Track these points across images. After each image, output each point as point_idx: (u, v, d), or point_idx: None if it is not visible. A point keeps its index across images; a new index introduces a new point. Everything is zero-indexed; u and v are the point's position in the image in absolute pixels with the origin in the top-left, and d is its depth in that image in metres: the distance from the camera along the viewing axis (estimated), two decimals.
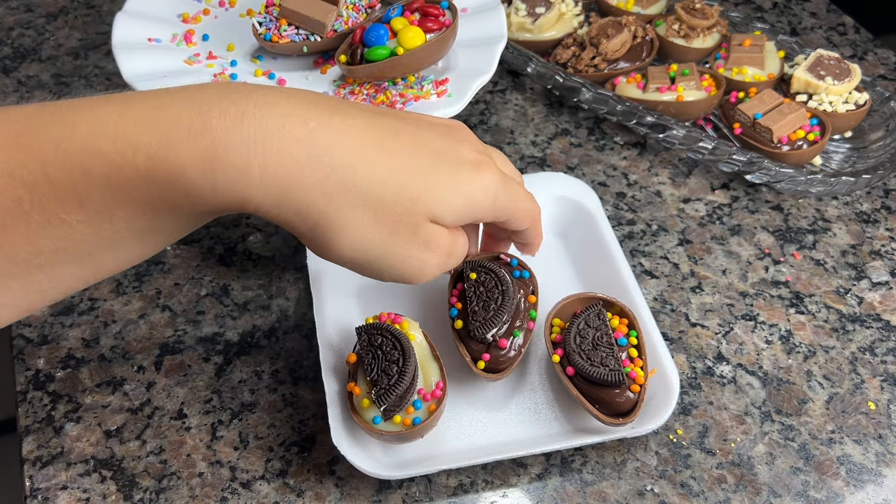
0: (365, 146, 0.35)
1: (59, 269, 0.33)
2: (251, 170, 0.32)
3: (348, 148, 0.34)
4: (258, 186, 0.33)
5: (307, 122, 0.33)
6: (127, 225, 0.33)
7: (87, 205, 0.32)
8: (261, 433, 0.46)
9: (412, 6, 0.52)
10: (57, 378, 0.48)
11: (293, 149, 0.33)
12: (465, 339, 0.45)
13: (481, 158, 0.39)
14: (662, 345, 0.47)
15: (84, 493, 0.43)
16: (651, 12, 0.71)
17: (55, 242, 0.32)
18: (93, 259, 0.34)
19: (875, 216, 0.60)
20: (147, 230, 0.34)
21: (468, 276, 0.46)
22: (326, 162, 0.34)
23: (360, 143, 0.35)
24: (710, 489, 0.44)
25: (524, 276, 0.47)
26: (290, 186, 0.33)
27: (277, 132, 0.32)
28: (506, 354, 0.44)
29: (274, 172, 0.33)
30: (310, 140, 0.33)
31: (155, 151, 0.31)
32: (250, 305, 0.52)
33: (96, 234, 0.33)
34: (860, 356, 0.51)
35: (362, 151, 0.35)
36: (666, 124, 0.61)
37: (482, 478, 0.45)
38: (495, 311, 0.44)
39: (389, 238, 0.36)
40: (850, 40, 0.76)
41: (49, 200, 0.31)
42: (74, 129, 0.31)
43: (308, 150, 0.33)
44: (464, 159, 0.38)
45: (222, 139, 0.32)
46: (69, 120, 0.31)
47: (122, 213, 0.32)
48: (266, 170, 0.32)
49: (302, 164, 0.33)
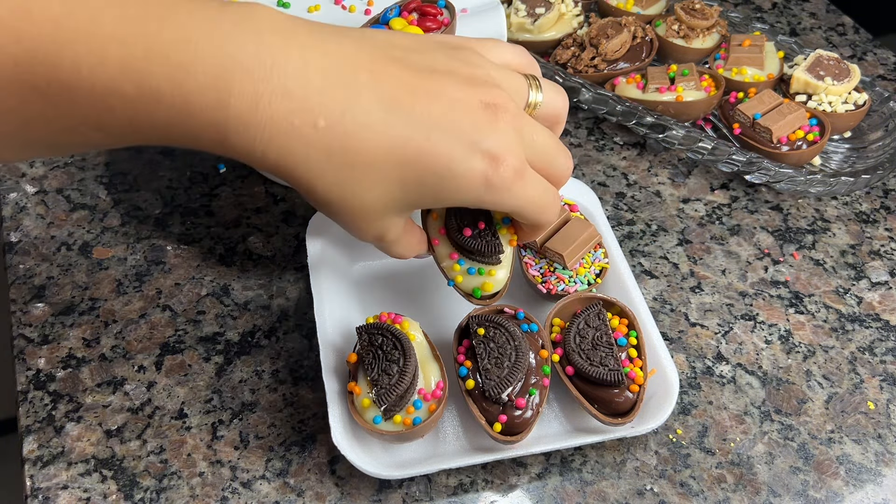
0: (377, 142, 0.36)
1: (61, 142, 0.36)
2: (254, 150, 0.35)
3: (358, 148, 0.36)
4: (259, 162, 0.36)
5: (317, 121, 0.35)
6: (142, 140, 0.36)
7: (107, 129, 0.34)
8: (261, 433, 0.46)
9: (409, 6, 0.52)
10: (57, 378, 0.48)
11: (296, 144, 0.35)
12: (477, 399, 0.43)
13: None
14: (662, 345, 0.47)
15: (85, 492, 0.43)
16: (651, 13, 0.71)
17: (73, 138, 0.35)
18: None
19: (874, 216, 0.60)
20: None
21: (475, 331, 0.44)
22: (328, 157, 0.36)
23: (375, 145, 0.36)
24: (710, 489, 0.45)
25: (532, 329, 0.45)
26: (287, 171, 0.36)
27: (286, 129, 0.35)
28: (522, 415, 0.42)
29: (275, 160, 0.36)
30: (316, 140, 0.35)
31: (176, 114, 0.33)
32: (251, 305, 0.52)
33: (110, 143, 0.36)
34: (859, 356, 0.51)
35: (375, 153, 0.36)
36: (665, 124, 0.61)
37: (482, 478, 0.45)
38: (510, 370, 0.42)
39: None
40: (850, 40, 0.76)
41: (73, 120, 0.33)
42: (102, 63, 0.32)
43: (310, 147, 0.35)
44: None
45: (233, 122, 0.34)
46: (95, 49, 0.31)
47: (138, 137, 0.35)
48: (266, 156, 0.35)
49: (303, 157, 0.36)
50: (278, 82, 0.34)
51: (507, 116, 0.38)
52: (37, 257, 0.54)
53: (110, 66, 0.32)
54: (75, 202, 0.58)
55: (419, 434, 0.42)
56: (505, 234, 0.46)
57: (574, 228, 0.50)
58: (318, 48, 0.35)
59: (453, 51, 0.40)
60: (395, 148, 0.36)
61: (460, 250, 0.45)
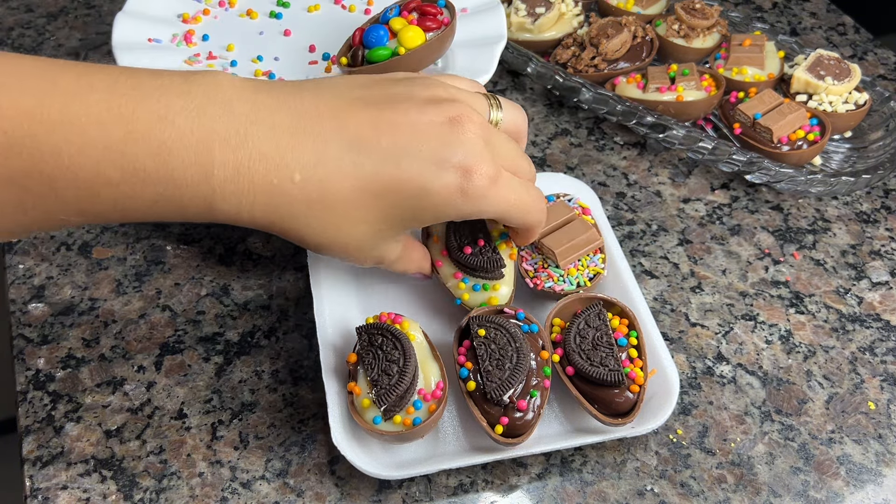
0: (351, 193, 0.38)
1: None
2: (241, 213, 0.37)
3: (335, 193, 0.38)
4: (248, 223, 0.38)
5: (293, 176, 0.37)
6: (122, 219, 0.37)
7: (88, 213, 0.35)
8: (261, 433, 0.46)
9: (409, 6, 0.52)
10: (57, 378, 0.48)
11: (279, 201, 0.37)
12: (478, 400, 0.43)
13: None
14: (662, 345, 0.47)
15: (84, 492, 0.43)
16: (651, 12, 0.71)
17: (50, 224, 0.36)
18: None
19: (875, 216, 0.60)
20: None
21: (476, 332, 0.44)
22: (309, 207, 0.38)
23: (349, 186, 0.38)
24: (710, 489, 0.45)
25: (533, 330, 0.45)
26: (276, 226, 0.39)
27: (268, 189, 0.37)
28: (524, 417, 0.42)
29: (263, 219, 0.38)
30: (296, 193, 0.37)
31: (162, 191, 0.35)
32: (250, 305, 0.52)
33: (87, 222, 0.38)
34: (860, 356, 0.51)
35: (348, 200, 0.38)
36: (666, 124, 0.61)
37: (482, 478, 0.45)
38: (511, 371, 0.42)
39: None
40: (850, 40, 0.76)
41: (53, 207, 0.34)
42: (82, 151, 0.32)
43: (292, 201, 0.38)
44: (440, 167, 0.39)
45: (219, 192, 0.36)
46: (75, 137, 0.32)
47: (118, 217, 0.36)
48: (254, 217, 0.38)
49: (287, 211, 0.38)
50: (254, 147, 0.36)
51: (473, 127, 0.39)
52: (36, 257, 0.54)
53: (93, 152, 0.32)
54: None
55: (419, 434, 0.42)
56: (505, 249, 0.47)
57: (574, 229, 0.50)
58: (281, 108, 0.37)
59: (409, 80, 0.41)
60: (369, 184, 0.38)
61: (463, 269, 0.47)
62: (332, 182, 0.38)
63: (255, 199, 0.37)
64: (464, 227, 0.48)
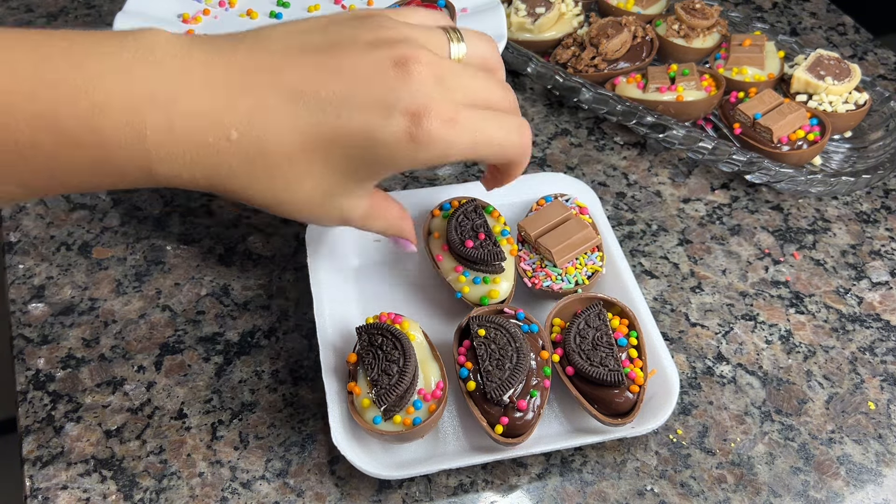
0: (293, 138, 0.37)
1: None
2: (181, 175, 0.36)
3: (274, 148, 0.36)
4: (191, 185, 0.37)
5: (229, 134, 0.35)
6: (64, 189, 0.37)
7: (30, 185, 0.35)
8: (261, 433, 0.46)
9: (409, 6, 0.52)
10: (57, 378, 0.48)
11: (218, 160, 0.36)
12: (478, 400, 0.43)
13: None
14: (662, 345, 0.47)
15: (84, 492, 0.43)
16: (651, 12, 0.71)
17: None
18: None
19: (875, 216, 0.60)
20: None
21: (476, 332, 0.44)
22: (251, 165, 0.37)
23: (288, 140, 0.36)
24: (710, 489, 0.45)
25: (533, 330, 0.45)
26: (220, 187, 0.37)
27: (204, 148, 0.35)
28: (524, 417, 0.42)
29: (204, 180, 0.36)
30: (234, 151, 0.36)
31: (96, 155, 0.34)
32: (250, 305, 0.52)
33: (29, 197, 0.38)
34: (860, 356, 0.51)
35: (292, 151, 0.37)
36: (666, 124, 0.61)
37: (482, 478, 0.45)
38: (511, 371, 0.42)
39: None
40: (850, 40, 0.76)
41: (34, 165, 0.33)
42: (13, 119, 0.32)
43: (231, 159, 0.36)
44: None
45: (154, 152, 0.35)
46: (3, 106, 0.32)
47: (59, 187, 0.36)
48: (195, 178, 0.36)
49: (227, 171, 0.36)
50: (186, 105, 0.34)
51: (420, 67, 0.37)
52: (36, 257, 0.54)
53: (21, 120, 0.32)
54: (75, 202, 0.58)
55: (419, 434, 0.42)
56: (505, 245, 0.47)
57: (570, 227, 0.50)
58: (217, 63, 0.36)
59: (358, 20, 0.39)
60: (310, 137, 0.36)
61: (464, 262, 0.48)
62: (270, 137, 0.36)
63: (193, 160, 0.35)
64: (465, 221, 0.49)
